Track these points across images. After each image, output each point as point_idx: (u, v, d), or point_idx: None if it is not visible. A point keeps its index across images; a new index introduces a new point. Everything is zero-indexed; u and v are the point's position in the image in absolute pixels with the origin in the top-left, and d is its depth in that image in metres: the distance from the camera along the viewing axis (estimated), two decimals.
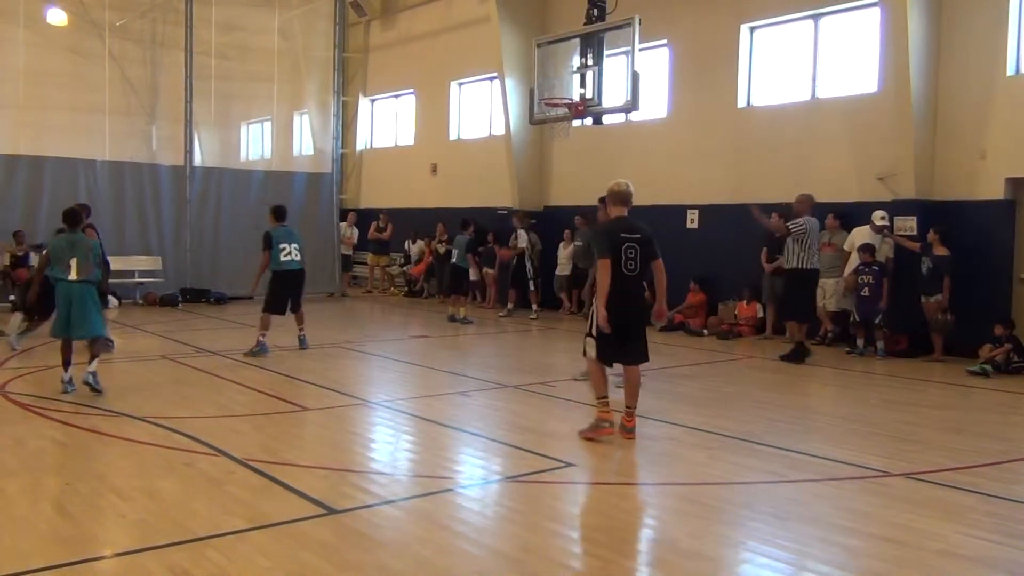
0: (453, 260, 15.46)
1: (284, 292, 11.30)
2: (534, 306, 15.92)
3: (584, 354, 7.17)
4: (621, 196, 7.18)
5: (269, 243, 11.20)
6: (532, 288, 16.07)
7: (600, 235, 7.13)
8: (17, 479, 5.69)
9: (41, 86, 16.53)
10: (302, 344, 11.54)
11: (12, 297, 15.23)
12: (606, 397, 7.02)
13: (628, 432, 6.98)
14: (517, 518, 5.28)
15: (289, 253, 11.28)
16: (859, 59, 13.17)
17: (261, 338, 11.09)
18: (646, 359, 7.11)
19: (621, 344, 6.91)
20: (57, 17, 17.31)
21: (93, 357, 8.35)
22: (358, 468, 6.22)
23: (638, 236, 7.00)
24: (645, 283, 7.16)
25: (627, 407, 7.03)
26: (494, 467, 6.50)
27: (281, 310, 11.32)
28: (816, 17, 13.60)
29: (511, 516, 5.34)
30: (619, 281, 6.81)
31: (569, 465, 6.27)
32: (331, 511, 5.12)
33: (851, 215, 12.72)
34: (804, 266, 11.29)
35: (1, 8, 15.78)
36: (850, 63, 13.32)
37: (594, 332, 6.95)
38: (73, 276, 8.17)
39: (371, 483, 5.80)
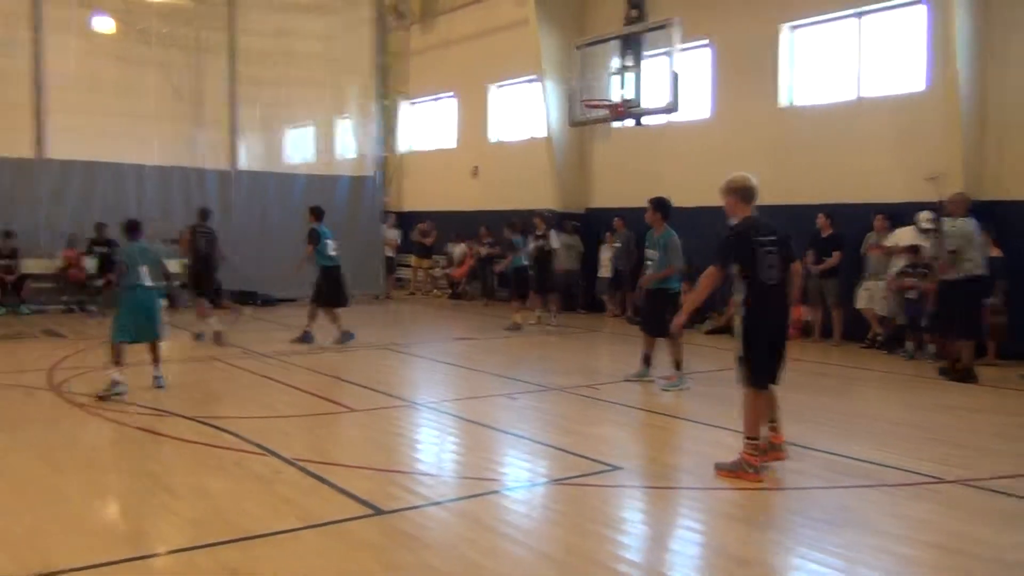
0: (525, 263, 14.68)
1: (333, 286, 11.99)
2: (553, 308, 14.94)
3: (737, 381, 6.14)
4: (749, 191, 6.10)
5: (317, 239, 11.85)
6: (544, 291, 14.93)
7: (732, 240, 6.03)
8: (72, 477, 5.81)
9: (90, 93, 16.83)
10: (349, 338, 11.98)
11: (64, 298, 15.58)
12: (756, 439, 5.95)
13: (780, 451, 6.19)
14: (563, 521, 5.26)
15: (334, 250, 12.06)
16: (905, 57, 12.95)
17: (308, 329, 11.81)
18: (778, 380, 6.20)
19: (770, 362, 6.02)
20: (105, 25, 17.66)
21: (158, 359, 8.73)
22: (405, 469, 6.25)
23: (775, 238, 5.98)
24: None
25: (771, 422, 6.22)
26: (540, 469, 6.49)
27: (343, 302, 12.11)
28: (860, 15, 13.40)
29: (557, 519, 5.33)
30: (762, 291, 5.91)
31: (616, 468, 6.24)
32: (378, 511, 5.15)
33: (896, 216, 12.49)
34: (969, 274, 9.88)
35: (52, 17, 16.10)
36: (895, 61, 13.11)
37: (746, 351, 5.99)
38: (147, 283, 8.46)
39: (418, 484, 5.82)
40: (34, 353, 11.17)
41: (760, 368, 5.99)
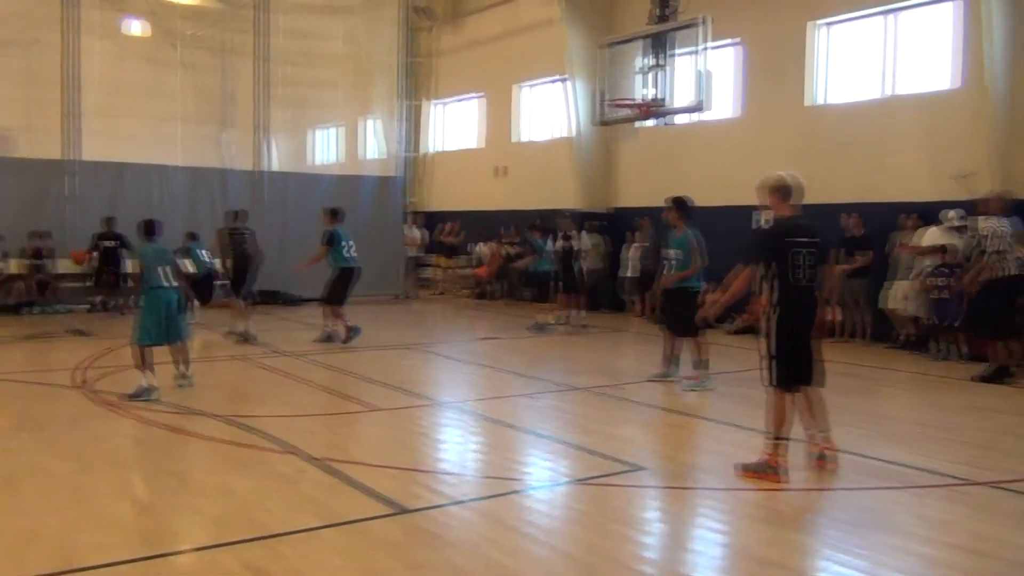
0: (548, 267, 14.59)
1: (347, 287, 12.06)
2: (579, 309, 14.61)
3: (762, 381, 6.08)
4: (790, 190, 6.07)
5: (334, 240, 11.93)
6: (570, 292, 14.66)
7: (763, 239, 6.03)
8: (100, 475, 5.88)
9: (119, 95, 17.04)
10: (337, 339, 12.01)
11: (100, 298, 15.77)
12: (784, 439, 5.89)
13: (833, 462, 6.05)
14: (585, 521, 5.25)
15: (351, 251, 12.10)
16: (936, 55, 12.79)
17: (329, 327, 11.90)
18: (823, 383, 6.11)
19: (799, 364, 5.95)
20: (134, 28, 17.87)
21: (186, 360, 8.75)
22: (427, 468, 6.27)
23: (813, 240, 5.95)
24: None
25: (821, 432, 6.10)
26: (562, 469, 6.48)
27: (341, 302, 12.09)
28: (890, 13, 13.26)
29: (579, 519, 5.32)
30: (791, 292, 5.87)
31: (638, 469, 6.21)
32: (401, 510, 5.17)
33: (925, 215, 12.33)
34: (1003, 274, 9.78)
35: (83, 20, 16.29)
36: (926, 59, 12.95)
37: (772, 351, 5.95)
38: (170, 283, 8.45)
39: (440, 483, 5.83)
40: (62, 352, 11.32)
41: (784, 369, 5.93)
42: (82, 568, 4.24)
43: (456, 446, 7.19)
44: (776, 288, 5.93)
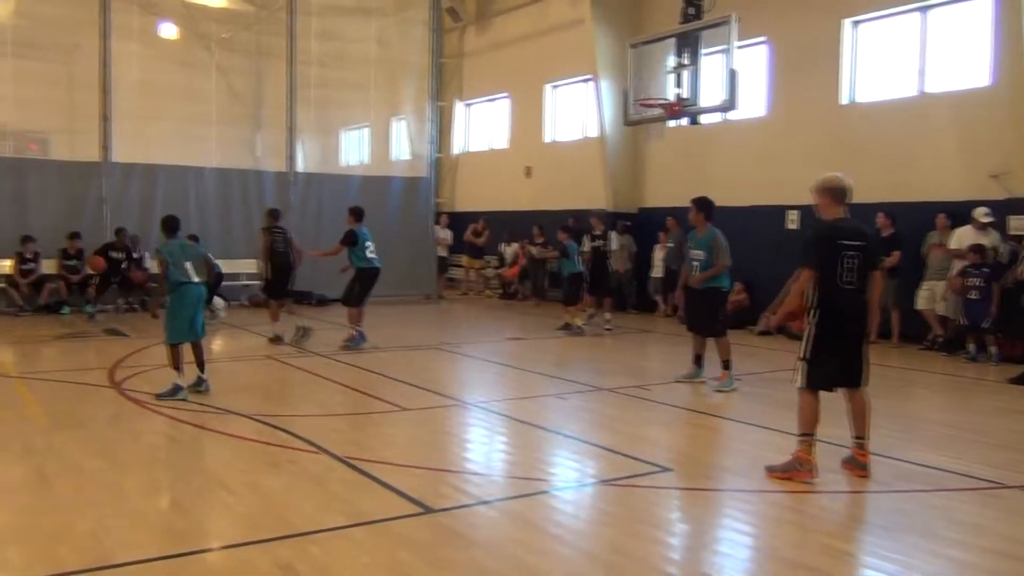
0: (579, 269, 14.24)
1: (367, 288, 11.96)
2: (606, 310, 14.45)
3: (792, 380, 6.13)
4: (841, 192, 6.04)
5: (354, 240, 11.84)
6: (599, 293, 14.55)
7: (813, 241, 5.99)
8: (132, 473, 5.97)
9: (153, 97, 17.28)
10: (360, 342, 11.93)
11: (130, 298, 16.01)
12: (811, 435, 5.96)
13: (861, 469, 5.98)
14: (612, 522, 5.25)
15: (373, 252, 11.97)
16: (970, 52, 12.61)
17: (354, 330, 11.77)
18: (866, 382, 6.06)
19: (836, 367, 5.96)
20: (168, 32, 18.10)
21: (202, 361, 8.54)
22: (454, 468, 6.30)
23: (861, 244, 5.93)
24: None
25: (856, 438, 6.06)
26: (589, 470, 6.48)
27: (360, 304, 11.97)
28: (924, 10, 13.11)
29: (606, 520, 5.32)
30: (833, 295, 5.87)
31: (665, 470, 6.20)
32: (428, 510, 5.20)
33: (959, 215, 12.18)
34: None
35: (117, 24, 16.55)
36: (961, 57, 12.78)
37: (806, 354, 5.98)
38: (195, 279, 8.39)
39: (467, 483, 5.86)
40: (96, 352, 11.51)
41: (816, 370, 5.93)
42: (114, 565, 4.31)
43: (482, 446, 7.21)
44: (819, 290, 5.91)
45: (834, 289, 5.85)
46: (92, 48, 16.41)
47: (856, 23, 14.03)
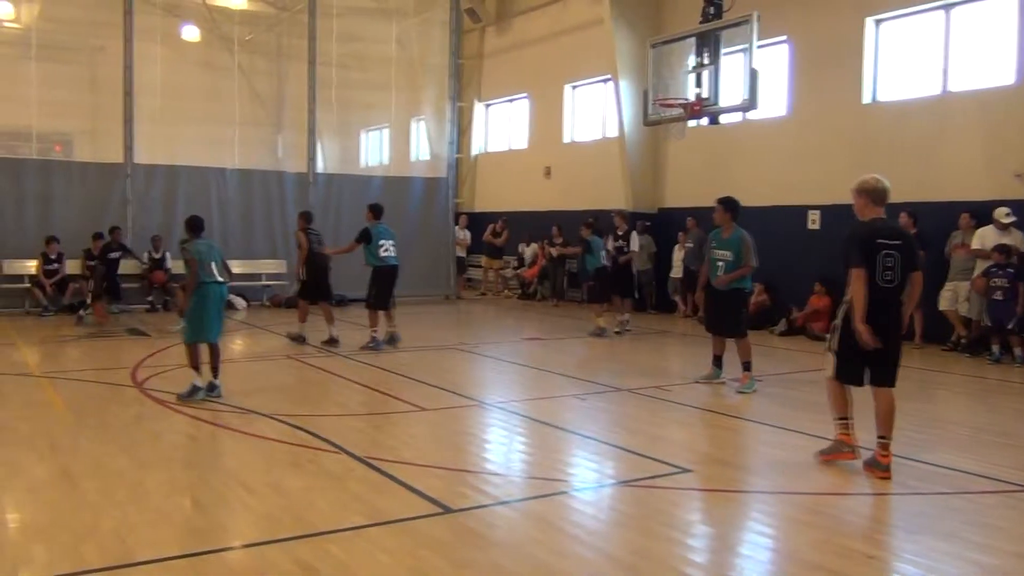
0: (604, 263, 13.92)
1: (386, 287, 11.83)
2: (626, 314, 14.12)
3: (824, 372, 6.36)
4: (879, 193, 6.18)
5: (368, 238, 11.73)
6: (637, 295, 14.53)
7: (854, 241, 6.10)
8: (154, 472, 6.02)
9: (176, 99, 17.42)
10: (395, 341, 11.91)
11: (150, 298, 16.17)
12: (846, 418, 6.24)
13: (883, 470, 5.98)
14: (631, 523, 5.24)
15: (387, 249, 11.83)
16: (994, 51, 12.48)
17: (374, 334, 11.69)
18: (893, 383, 6.16)
19: (865, 363, 6.11)
20: (191, 33, 18.25)
21: (216, 365, 8.48)
22: (473, 468, 6.30)
23: (899, 243, 6.07)
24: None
25: (879, 437, 6.09)
26: (608, 471, 6.47)
27: (385, 305, 11.88)
28: (947, 8, 12.98)
29: (625, 521, 5.30)
30: (872, 293, 5.97)
31: (685, 471, 6.18)
32: (447, 510, 5.21)
33: (982, 215, 12.05)
34: None
35: (140, 27, 16.70)
36: (984, 55, 12.65)
37: (835, 347, 6.22)
38: (220, 279, 8.39)
39: (486, 483, 5.87)
40: (120, 351, 11.62)
41: (845, 365, 6.17)
42: (137, 563, 4.35)
43: (501, 446, 7.22)
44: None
45: (873, 287, 5.97)
46: (115, 51, 16.59)
47: (879, 21, 13.92)
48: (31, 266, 15.56)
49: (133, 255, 15.98)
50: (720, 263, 9.26)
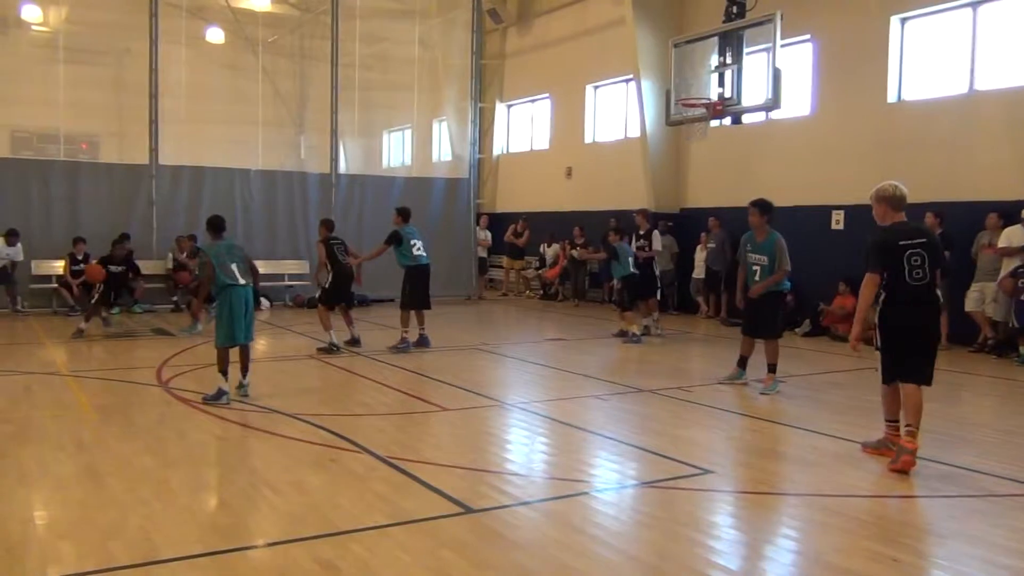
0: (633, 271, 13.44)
1: (421, 287, 11.88)
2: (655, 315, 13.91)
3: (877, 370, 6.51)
4: (896, 200, 6.43)
5: (398, 240, 11.75)
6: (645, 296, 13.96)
7: (875, 246, 6.32)
8: (179, 471, 6.07)
9: (201, 101, 17.61)
10: (425, 343, 11.89)
11: (175, 298, 16.32)
12: (895, 421, 6.41)
13: (908, 454, 6.09)
14: (654, 524, 5.22)
15: (420, 249, 11.88)
16: (1022, 49, 12.33)
17: (405, 335, 11.72)
18: (928, 381, 6.25)
19: (901, 360, 6.27)
20: (215, 36, 18.41)
21: (247, 366, 8.54)
22: (494, 468, 6.31)
23: (923, 241, 6.26)
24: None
25: (907, 426, 6.19)
26: (630, 472, 6.45)
27: (426, 304, 11.95)
28: (974, 5, 12.85)
29: (648, 522, 5.29)
30: (903, 292, 6.19)
31: (707, 472, 6.16)
32: (468, 510, 5.22)
33: (1010, 214, 11.91)
34: None
35: (165, 29, 16.87)
36: (1012, 53, 12.50)
37: (879, 344, 6.38)
38: (241, 280, 8.35)
39: (507, 484, 5.87)
40: (145, 351, 11.74)
41: (885, 363, 6.35)
42: (162, 560, 4.39)
43: (523, 447, 7.21)
44: (890, 286, 6.27)
45: (904, 285, 6.20)
46: (141, 53, 16.78)
47: (904, 20, 13.79)
48: (59, 267, 15.74)
49: (136, 271, 15.43)
50: (756, 267, 9.14)
